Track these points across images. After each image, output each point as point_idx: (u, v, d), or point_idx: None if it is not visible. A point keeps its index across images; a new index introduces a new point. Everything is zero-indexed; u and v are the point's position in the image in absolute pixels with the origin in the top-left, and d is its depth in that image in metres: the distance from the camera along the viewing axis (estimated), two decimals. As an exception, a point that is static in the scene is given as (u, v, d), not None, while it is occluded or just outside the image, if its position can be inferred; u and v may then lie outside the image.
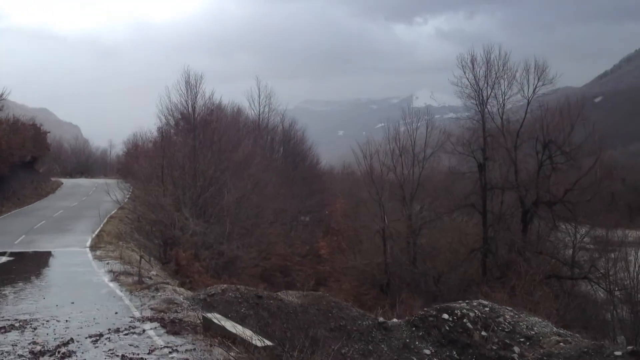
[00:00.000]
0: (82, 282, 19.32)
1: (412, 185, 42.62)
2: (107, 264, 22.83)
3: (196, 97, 36.67)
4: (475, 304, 16.33)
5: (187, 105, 36.72)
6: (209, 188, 33.99)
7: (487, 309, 16.04)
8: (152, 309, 15.13)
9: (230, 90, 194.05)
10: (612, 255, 33.50)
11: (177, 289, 18.01)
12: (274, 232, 41.07)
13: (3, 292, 16.88)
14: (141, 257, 20.74)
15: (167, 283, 19.53)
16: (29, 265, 23.90)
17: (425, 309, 15.91)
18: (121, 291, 17.63)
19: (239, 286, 16.40)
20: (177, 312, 14.88)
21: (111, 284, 18.79)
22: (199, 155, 34.34)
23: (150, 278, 20.04)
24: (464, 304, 16.17)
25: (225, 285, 16.34)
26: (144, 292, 17.43)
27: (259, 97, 61.47)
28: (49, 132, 65.34)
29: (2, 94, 43.29)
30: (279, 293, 16.66)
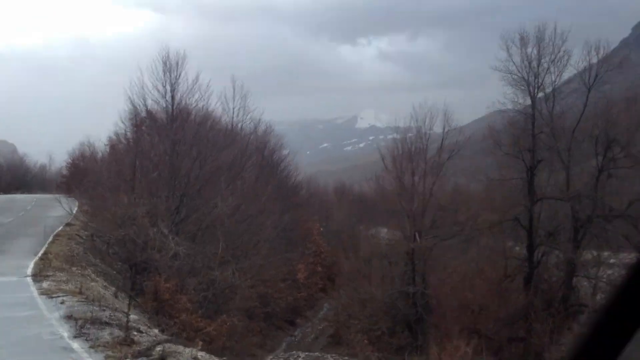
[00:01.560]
0: (24, 340, 11.45)
1: (423, 197, 35.07)
2: (62, 302, 14.97)
3: (177, 81, 28.83)
4: None
5: (165, 91, 28.79)
6: (193, 196, 26.09)
7: None
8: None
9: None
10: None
11: (199, 355, 10.31)
12: (262, 254, 33.27)
13: None
14: (130, 297, 12.80)
15: (170, 340, 11.78)
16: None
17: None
18: (98, 361, 9.94)
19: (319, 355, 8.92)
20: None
21: (76, 345, 11.02)
22: (179, 153, 26.41)
23: (140, 331, 12.24)
24: None
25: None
26: (141, 363, 9.77)
27: (234, 98, 53.00)
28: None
29: None
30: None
